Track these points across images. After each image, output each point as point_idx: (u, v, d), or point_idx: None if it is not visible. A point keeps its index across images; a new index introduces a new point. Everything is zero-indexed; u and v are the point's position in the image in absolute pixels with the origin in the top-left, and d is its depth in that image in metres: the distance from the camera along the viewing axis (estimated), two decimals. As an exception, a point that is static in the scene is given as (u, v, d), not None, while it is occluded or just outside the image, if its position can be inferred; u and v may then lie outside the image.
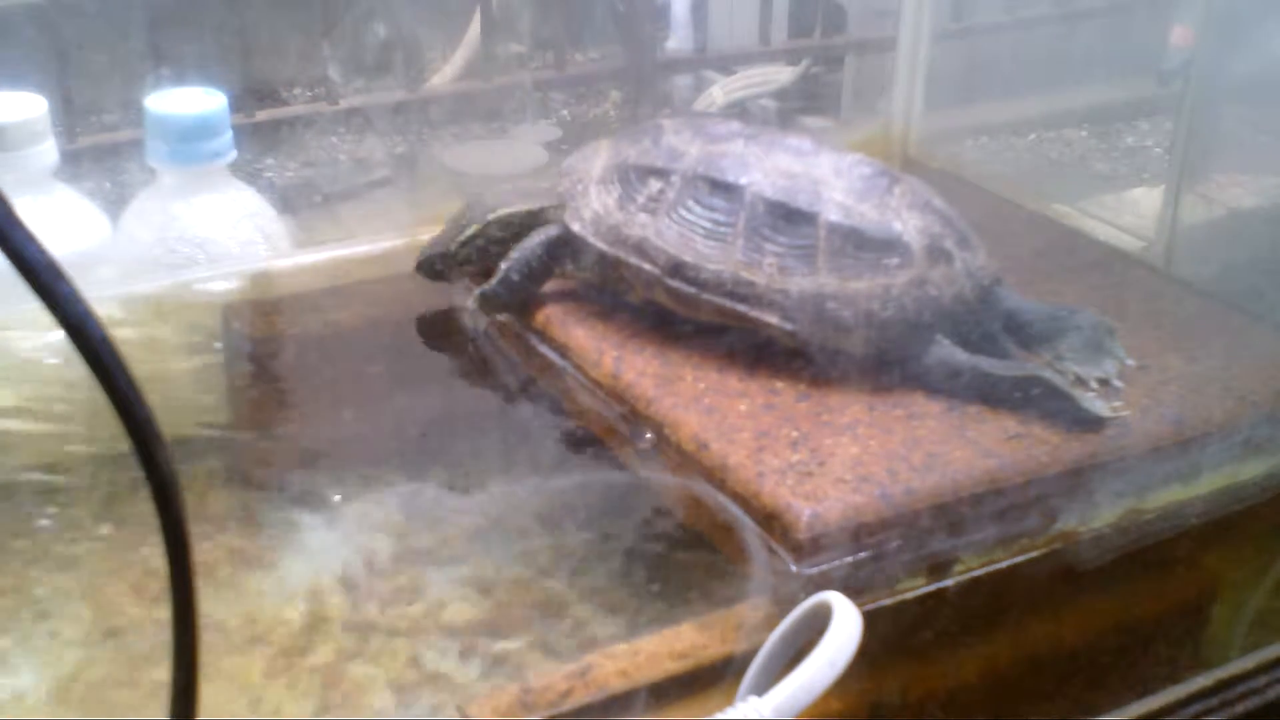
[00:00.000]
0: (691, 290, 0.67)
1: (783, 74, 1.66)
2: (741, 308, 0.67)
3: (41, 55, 1.21)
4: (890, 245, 0.66)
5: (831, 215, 0.66)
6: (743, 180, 0.67)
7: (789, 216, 0.66)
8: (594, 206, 0.70)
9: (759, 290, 0.66)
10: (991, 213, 0.88)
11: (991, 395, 0.65)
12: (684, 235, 0.68)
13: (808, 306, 0.66)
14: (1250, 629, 0.67)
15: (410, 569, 0.63)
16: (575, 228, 0.71)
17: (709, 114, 1.55)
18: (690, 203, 0.68)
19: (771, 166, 0.68)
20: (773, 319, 0.66)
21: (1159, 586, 0.66)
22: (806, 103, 1.61)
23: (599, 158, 0.73)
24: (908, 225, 0.67)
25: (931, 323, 0.67)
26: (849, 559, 0.57)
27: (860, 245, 0.66)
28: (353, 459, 0.71)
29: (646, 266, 0.68)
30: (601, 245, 0.70)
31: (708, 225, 0.67)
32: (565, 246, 0.73)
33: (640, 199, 0.69)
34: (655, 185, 0.69)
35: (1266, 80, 0.84)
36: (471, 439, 0.73)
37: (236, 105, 0.91)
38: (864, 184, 0.68)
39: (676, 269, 0.68)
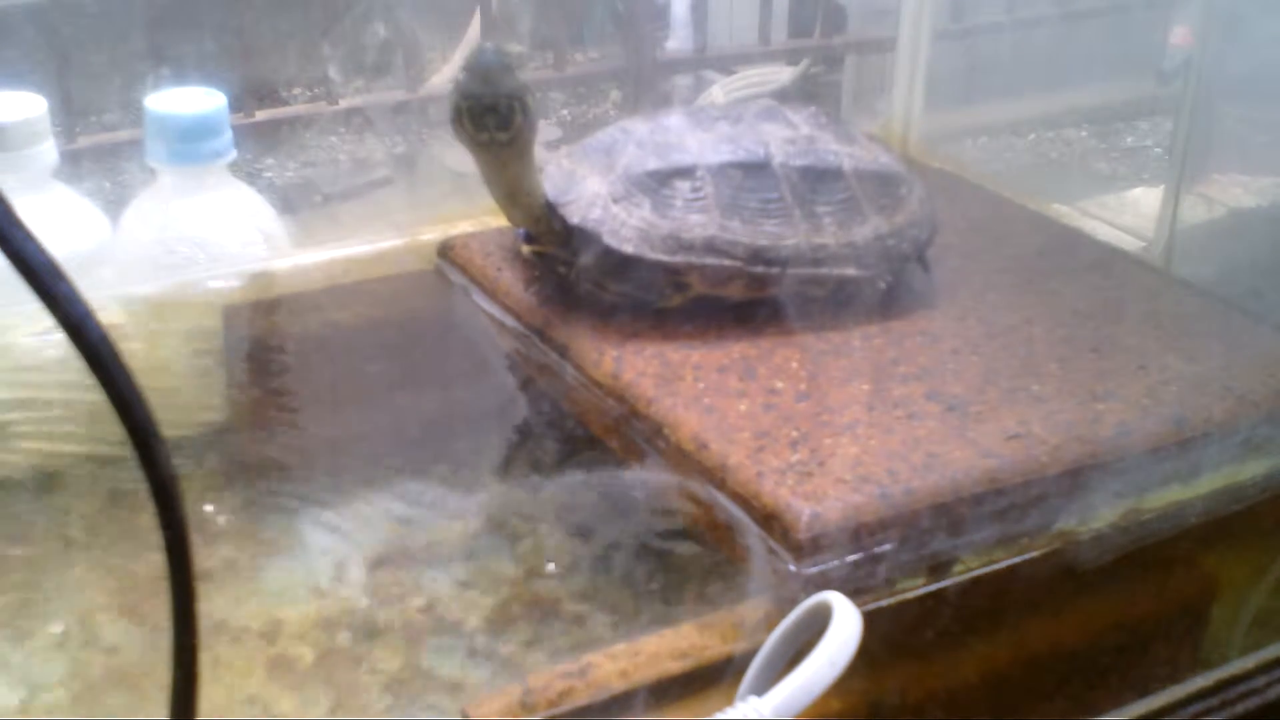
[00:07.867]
0: (775, 271, 0.69)
1: (783, 74, 1.66)
2: (823, 271, 0.70)
3: (41, 55, 1.22)
4: (898, 177, 0.74)
5: (849, 164, 0.72)
6: (765, 156, 0.70)
7: (821, 176, 0.71)
8: (632, 223, 0.69)
9: (832, 250, 0.70)
10: (991, 213, 0.88)
11: None
12: (748, 223, 0.69)
13: (873, 250, 0.71)
14: (1250, 629, 0.67)
15: (410, 568, 0.63)
16: (628, 250, 0.68)
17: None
18: (733, 191, 0.69)
19: (766, 136, 0.71)
20: (850, 271, 0.71)
21: (1159, 586, 0.66)
22: (806, 103, 1.61)
23: (588, 178, 0.71)
24: (889, 156, 0.75)
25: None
26: (849, 559, 0.57)
27: (885, 183, 0.73)
28: (353, 458, 0.71)
29: (726, 262, 0.69)
30: (660, 257, 0.68)
31: (759, 206, 0.69)
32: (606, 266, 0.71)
33: (679, 202, 0.69)
34: (685, 185, 0.69)
35: (1266, 80, 0.84)
36: (471, 438, 0.73)
37: (236, 105, 0.91)
38: (834, 129, 0.74)
39: (757, 255, 0.69)
